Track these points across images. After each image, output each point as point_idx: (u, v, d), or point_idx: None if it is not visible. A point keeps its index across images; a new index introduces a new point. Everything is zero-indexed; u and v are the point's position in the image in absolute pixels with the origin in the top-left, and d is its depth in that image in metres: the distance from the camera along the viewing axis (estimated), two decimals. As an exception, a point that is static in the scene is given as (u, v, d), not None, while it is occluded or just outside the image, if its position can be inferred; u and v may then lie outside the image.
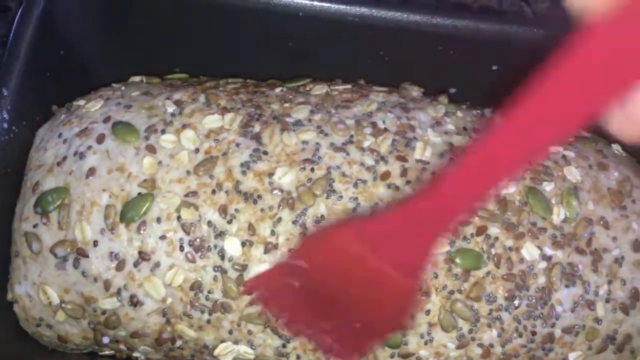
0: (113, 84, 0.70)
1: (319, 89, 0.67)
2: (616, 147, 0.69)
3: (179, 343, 0.60)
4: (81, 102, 0.66)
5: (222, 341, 0.59)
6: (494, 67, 0.73)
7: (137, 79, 0.71)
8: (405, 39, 0.70)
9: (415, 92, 0.70)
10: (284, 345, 0.59)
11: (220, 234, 0.58)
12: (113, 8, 0.73)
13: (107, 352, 0.65)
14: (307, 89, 0.68)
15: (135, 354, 0.63)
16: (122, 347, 0.62)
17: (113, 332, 0.60)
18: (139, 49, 0.76)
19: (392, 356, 0.58)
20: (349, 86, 0.69)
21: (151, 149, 0.60)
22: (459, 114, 0.66)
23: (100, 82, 0.71)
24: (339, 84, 0.69)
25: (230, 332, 0.59)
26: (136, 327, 0.59)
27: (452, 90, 0.76)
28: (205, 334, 0.59)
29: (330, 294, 0.50)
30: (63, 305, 0.59)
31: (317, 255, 0.50)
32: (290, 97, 0.66)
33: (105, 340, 0.61)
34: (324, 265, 0.49)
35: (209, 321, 0.58)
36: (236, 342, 0.59)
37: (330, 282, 0.49)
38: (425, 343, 0.58)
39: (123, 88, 0.68)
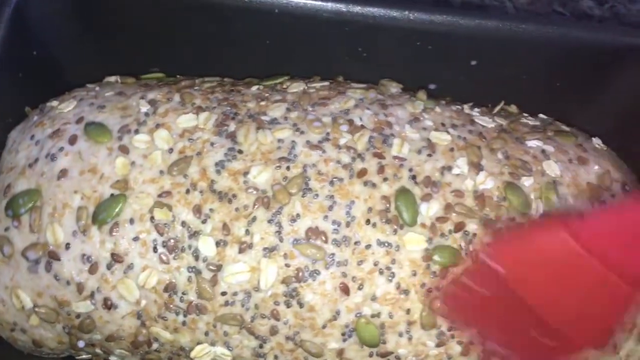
0: (87, 85, 0.69)
1: (296, 87, 0.66)
2: (597, 141, 0.69)
3: (155, 346, 0.59)
4: (54, 103, 0.65)
5: (199, 343, 0.58)
6: (473, 62, 0.73)
7: (112, 79, 0.70)
8: (382, 35, 0.70)
9: (394, 88, 0.69)
10: (260, 346, 0.58)
11: (195, 234, 0.57)
12: (88, 7, 0.72)
13: (84, 357, 0.64)
14: (284, 86, 0.67)
15: (112, 358, 0.62)
16: (98, 350, 0.61)
17: (88, 336, 0.59)
18: (116, 49, 0.75)
19: (370, 355, 0.58)
20: (326, 83, 0.68)
21: (124, 150, 0.59)
22: (438, 109, 0.65)
23: (76, 83, 0.71)
24: (316, 82, 0.69)
25: (206, 333, 0.58)
26: (111, 330, 0.59)
27: (432, 86, 0.75)
28: (181, 336, 0.58)
29: (528, 301, 0.46)
30: (36, 309, 0.59)
31: (513, 257, 0.46)
32: (267, 95, 0.65)
33: (81, 344, 0.60)
34: (524, 267, 0.45)
35: (184, 323, 0.57)
36: (213, 344, 0.58)
37: (530, 287, 0.45)
38: (405, 342, 0.57)
39: (97, 88, 0.67)
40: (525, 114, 0.72)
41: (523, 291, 0.46)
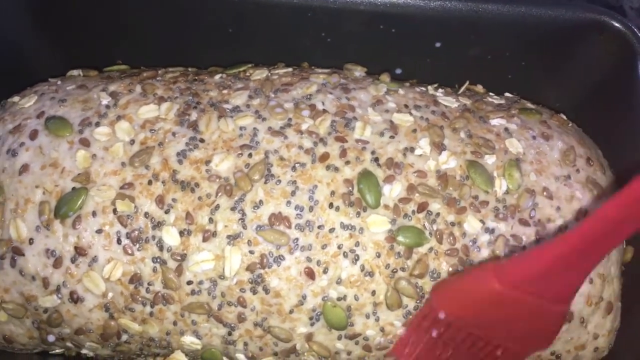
0: (50, 79, 0.68)
1: (259, 74, 0.66)
2: (562, 117, 0.69)
3: (124, 337, 0.59)
4: (16, 98, 0.65)
5: (168, 333, 0.58)
6: (438, 44, 0.73)
7: (75, 72, 0.70)
8: (345, 19, 0.69)
9: (358, 72, 0.69)
10: (229, 333, 0.58)
11: (158, 225, 0.57)
12: (50, 1, 0.72)
13: (56, 351, 0.64)
14: (248, 74, 0.67)
15: (84, 351, 0.62)
16: (69, 344, 0.61)
17: (57, 330, 0.59)
18: (79, 43, 0.75)
19: (339, 338, 0.58)
20: (289, 70, 0.68)
21: (85, 143, 0.59)
22: (401, 91, 0.65)
23: (39, 78, 0.70)
24: (280, 68, 0.68)
25: (175, 323, 0.58)
26: (80, 324, 0.59)
27: (398, 71, 0.75)
28: (149, 327, 0.58)
29: (472, 336, 0.53)
30: (4, 305, 0.59)
31: (455, 303, 0.53)
32: (230, 83, 0.65)
33: (51, 338, 0.60)
34: (463, 311, 0.52)
35: (151, 314, 0.57)
36: (182, 333, 0.58)
37: (471, 325, 0.52)
38: (372, 323, 0.57)
39: (59, 82, 0.66)
40: (491, 93, 0.72)
41: (469, 328, 0.53)
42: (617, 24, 0.68)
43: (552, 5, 0.71)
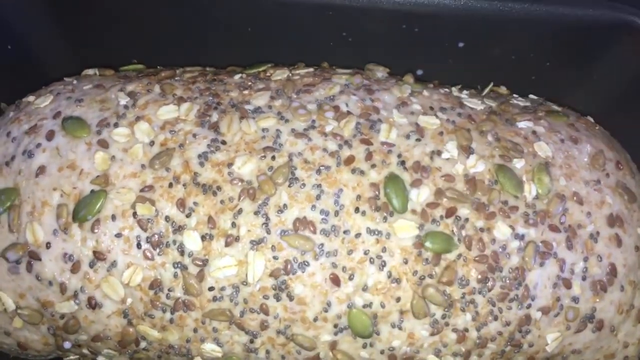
0: (65, 78, 0.67)
1: (280, 74, 0.65)
2: (589, 120, 0.67)
3: (143, 344, 0.58)
4: (31, 98, 0.63)
5: (188, 340, 0.57)
6: (461, 45, 0.71)
7: (90, 71, 0.68)
8: (367, 18, 0.68)
9: (380, 73, 0.67)
10: (251, 341, 0.56)
11: (179, 229, 0.55)
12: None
13: (71, 357, 0.63)
14: (268, 74, 0.65)
15: (100, 358, 0.61)
16: (85, 351, 0.60)
17: (74, 337, 0.58)
18: (94, 41, 0.73)
19: (364, 346, 0.56)
20: (311, 70, 0.66)
21: (103, 144, 0.57)
22: (426, 93, 0.64)
23: (54, 77, 0.69)
24: (300, 68, 0.67)
25: (195, 330, 0.56)
26: (97, 330, 0.57)
27: (419, 72, 0.74)
28: (169, 334, 0.57)
29: None
30: (19, 311, 0.57)
31: None
32: (250, 83, 0.63)
33: (67, 345, 0.59)
34: None
35: (171, 320, 0.56)
36: (202, 341, 0.57)
37: None
38: (397, 332, 0.56)
39: (75, 82, 0.65)
40: (515, 95, 0.71)
41: None
42: (645, 24, 0.67)
43: (579, 5, 0.69)
